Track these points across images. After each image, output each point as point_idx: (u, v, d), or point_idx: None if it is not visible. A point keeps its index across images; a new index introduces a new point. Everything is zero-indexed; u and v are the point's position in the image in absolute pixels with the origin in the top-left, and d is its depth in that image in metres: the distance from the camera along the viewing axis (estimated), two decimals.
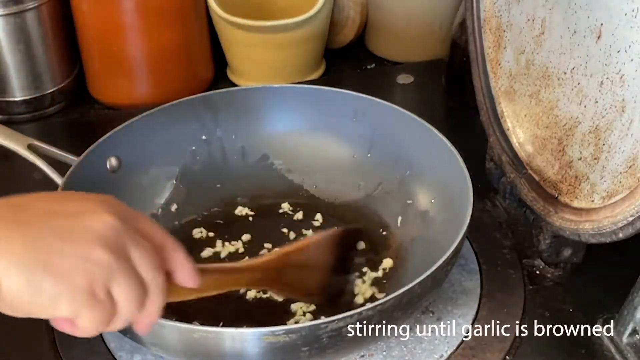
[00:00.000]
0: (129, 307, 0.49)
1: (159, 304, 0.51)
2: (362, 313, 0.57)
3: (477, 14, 0.80)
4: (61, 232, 0.47)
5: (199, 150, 0.84)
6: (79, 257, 0.46)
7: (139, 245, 0.49)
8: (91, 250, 0.47)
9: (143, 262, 0.49)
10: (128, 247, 0.49)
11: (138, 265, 0.49)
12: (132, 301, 0.49)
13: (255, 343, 0.57)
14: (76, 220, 0.48)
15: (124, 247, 0.48)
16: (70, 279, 0.46)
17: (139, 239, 0.50)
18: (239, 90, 0.90)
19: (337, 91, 0.84)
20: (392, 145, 0.82)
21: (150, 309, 0.51)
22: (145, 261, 0.49)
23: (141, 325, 0.52)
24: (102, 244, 0.47)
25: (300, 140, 0.85)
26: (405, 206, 0.80)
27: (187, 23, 1.04)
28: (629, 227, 0.62)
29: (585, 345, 0.69)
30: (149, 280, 0.49)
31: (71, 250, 0.46)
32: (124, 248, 0.48)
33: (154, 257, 0.50)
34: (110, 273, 0.47)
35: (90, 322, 0.47)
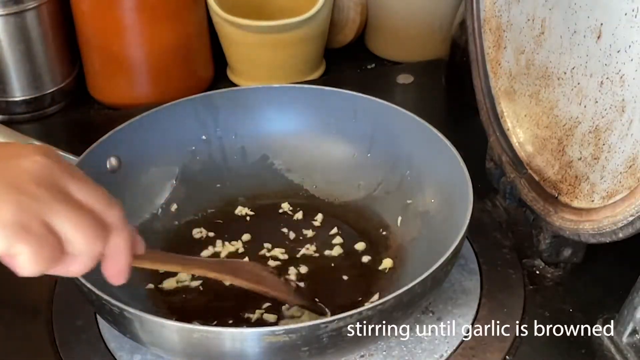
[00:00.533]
0: (80, 240, 0.47)
1: (124, 237, 0.49)
2: (362, 313, 0.57)
3: (477, 14, 0.80)
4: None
5: (199, 150, 0.84)
6: (6, 192, 0.45)
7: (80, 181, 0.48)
8: (20, 185, 0.45)
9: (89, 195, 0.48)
10: (67, 183, 0.47)
11: (84, 199, 0.48)
12: (83, 233, 0.47)
13: (255, 343, 0.57)
14: (8, 161, 0.47)
15: (60, 182, 0.47)
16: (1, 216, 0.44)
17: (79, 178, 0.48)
18: (239, 90, 0.90)
19: (337, 91, 0.84)
20: (392, 145, 0.82)
21: (116, 244, 0.49)
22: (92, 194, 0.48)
23: (110, 268, 0.50)
24: (33, 179, 0.46)
25: (300, 140, 0.85)
26: (405, 206, 0.80)
27: (187, 23, 1.04)
28: (629, 227, 0.62)
29: (585, 345, 0.69)
30: (101, 211, 0.48)
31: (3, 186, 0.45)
32: (61, 184, 0.47)
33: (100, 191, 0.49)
34: (46, 206, 0.46)
35: (29, 257, 0.45)
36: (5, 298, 0.76)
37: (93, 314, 0.72)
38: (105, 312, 0.61)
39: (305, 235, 0.81)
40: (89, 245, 0.48)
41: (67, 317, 0.72)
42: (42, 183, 0.46)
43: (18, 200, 0.45)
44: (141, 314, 0.58)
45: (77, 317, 0.72)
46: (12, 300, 0.76)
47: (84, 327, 0.71)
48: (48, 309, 0.74)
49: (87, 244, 0.47)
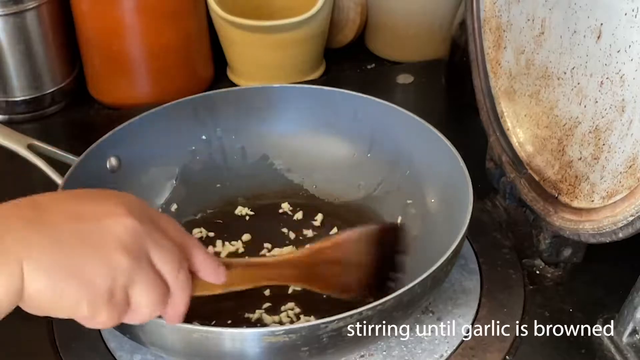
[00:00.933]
0: (147, 308, 0.50)
1: (183, 299, 0.52)
2: (362, 313, 0.57)
3: (477, 14, 0.80)
4: (83, 235, 0.48)
5: (199, 150, 0.84)
6: (100, 262, 0.48)
7: (158, 246, 0.50)
8: (112, 254, 0.48)
9: (164, 262, 0.50)
10: (148, 249, 0.50)
11: (159, 266, 0.50)
12: (151, 301, 0.50)
13: (255, 343, 0.57)
14: (97, 224, 0.49)
15: (144, 248, 0.49)
16: (92, 284, 0.47)
17: (159, 239, 0.50)
18: (239, 90, 0.90)
19: (337, 91, 0.84)
20: (392, 145, 0.82)
21: (176, 304, 0.52)
22: (167, 261, 0.50)
23: (169, 317, 0.53)
24: (122, 248, 0.48)
25: (300, 140, 0.85)
26: (405, 206, 0.80)
27: (187, 23, 1.04)
28: (629, 227, 0.62)
29: (585, 345, 0.69)
30: (171, 279, 0.51)
31: (93, 254, 0.48)
32: (144, 250, 0.49)
33: (175, 255, 0.51)
34: (129, 277, 0.48)
35: (106, 320, 0.49)
36: None
37: None
38: None
39: (305, 235, 0.81)
40: (151, 309, 0.51)
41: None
42: (128, 250, 0.48)
43: (108, 273, 0.48)
44: None
45: None
46: None
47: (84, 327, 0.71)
48: None
49: (151, 310, 0.51)
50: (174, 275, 0.51)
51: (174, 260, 0.51)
